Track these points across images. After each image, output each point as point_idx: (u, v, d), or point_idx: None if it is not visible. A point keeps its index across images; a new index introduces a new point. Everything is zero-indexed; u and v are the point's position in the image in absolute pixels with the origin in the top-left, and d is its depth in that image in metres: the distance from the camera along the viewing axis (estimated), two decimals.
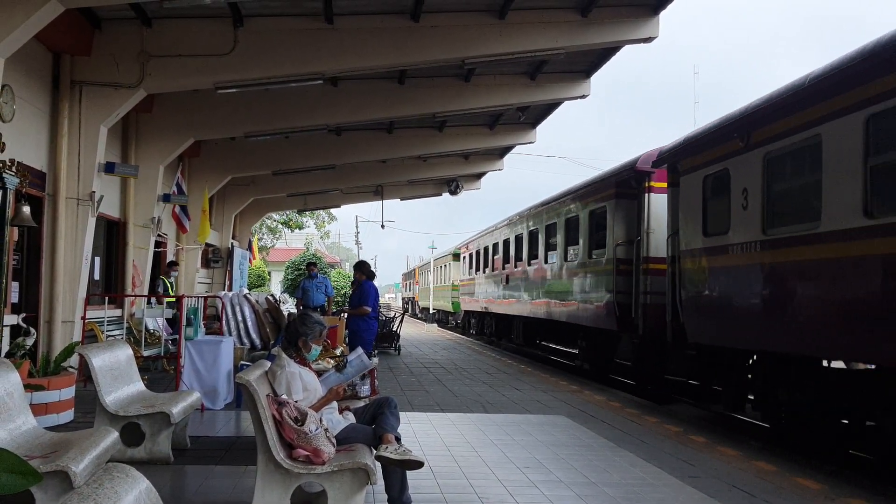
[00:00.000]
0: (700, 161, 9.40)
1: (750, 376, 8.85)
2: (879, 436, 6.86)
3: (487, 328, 24.08)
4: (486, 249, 23.63)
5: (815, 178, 7.05)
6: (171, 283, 13.57)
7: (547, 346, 19.72)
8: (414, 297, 48.97)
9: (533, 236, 17.63)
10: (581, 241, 14.02)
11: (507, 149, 20.39)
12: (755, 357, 8.58)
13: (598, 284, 12.90)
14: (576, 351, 15.58)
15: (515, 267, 19.20)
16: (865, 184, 6.29)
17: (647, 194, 11.58)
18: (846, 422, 7.33)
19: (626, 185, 12.14)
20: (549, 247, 16.25)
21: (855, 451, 7.63)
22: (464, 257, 28.16)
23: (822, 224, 6.85)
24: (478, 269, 24.77)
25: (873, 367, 7.04)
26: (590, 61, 13.58)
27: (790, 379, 7.80)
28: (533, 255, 17.57)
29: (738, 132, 8.39)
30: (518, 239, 19.14)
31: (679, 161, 10.07)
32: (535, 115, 17.22)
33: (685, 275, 9.67)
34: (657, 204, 11.41)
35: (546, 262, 16.36)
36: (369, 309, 11.04)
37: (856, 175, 6.39)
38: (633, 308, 11.64)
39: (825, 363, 7.58)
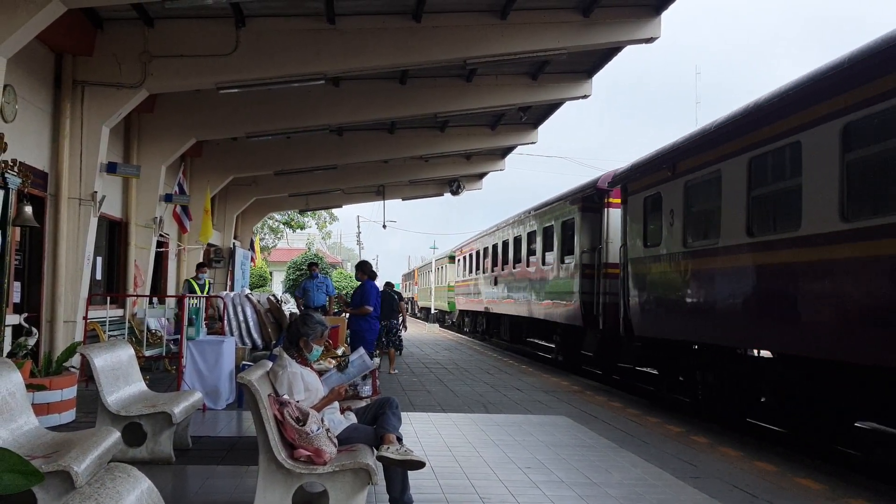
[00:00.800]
0: (642, 185, 11.10)
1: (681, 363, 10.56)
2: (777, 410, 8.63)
3: (480, 326, 25.67)
4: (477, 253, 25.21)
5: (717, 204, 8.77)
6: (199, 287, 13.38)
7: (530, 343, 20.74)
8: (413, 298, 50.52)
9: (517, 242, 19.30)
10: (555, 248, 15.76)
11: (509, 149, 20.40)
12: (684, 346, 10.17)
13: (568, 286, 14.61)
14: (552, 345, 17.20)
15: (503, 270, 20.79)
16: (748, 210, 8.06)
17: (606, 209, 13.42)
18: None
19: (590, 200, 13.92)
20: (531, 252, 17.94)
21: (752, 419, 9.38)
22: (458, 260, 30.01)
23: (720, 240, 8.65)
24: (471, 272, 26.47)
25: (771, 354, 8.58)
26: (591, 61, 13.57)
27: (704, 363, 9.62)
28: (517, 259, 19.21)
29: (667, 163, 10.19)
30: (505, 244, 20.78)
31: (628, 183, 11.76)
32: (536, 116, 17.21)
33: (631, 279, 11.38)
34: (614, 218, 13.08)
35: (528, 265, 18.04)
36: (371, 308, 11.04)
37: (742, 203, 8.14)
38: (594, 307, 13.39)
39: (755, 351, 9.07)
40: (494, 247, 22.17)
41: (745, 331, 8.20)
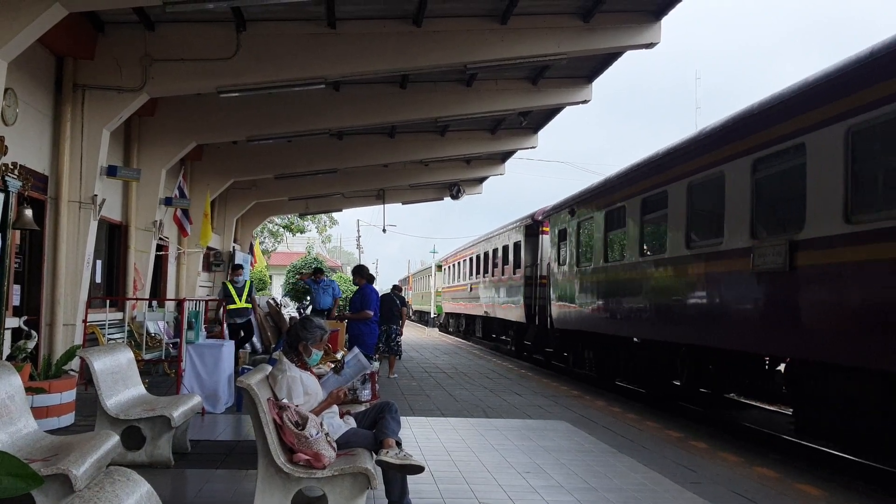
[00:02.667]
0: (557, 220, 15.69)
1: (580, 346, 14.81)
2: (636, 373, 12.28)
3: (461, 326, 30.53)
4: (458, 264, 30.14)
5: (591, 239, 13.36)
6: (237, 290, 12.98)
7: (496, 339, 24.71)
8: (408, 302, 53.66)
9: (486, 257, 23.80)
10: (510, 263, 20.06)
11: (509, 153, 20.42)
12: (580, 334, 14.19)
13: (518, 293, 18.83)
14: (508, 339, 21.85)
15: (475, 279, 25.51)
16: (605, 245, 12.53)
17: (540, 235, 17.82)
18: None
19: (531, 227, 18.31)
20: (494, 265, 22.41)
21: (621, 382, 13.28)
22: (444, 269, 35.65)
23: (592, 263, 13.14)
24: (453, 280, 31.73)
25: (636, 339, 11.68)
26: (591, 66, 13.60)
27: (588, 344, 14.09)
28: (486, 270, 23.69)
29: (570, 208, 14.75)
30: (477, 258, 25.41)
31: (550, 218, 16.44)
32: (536, 120, 17.23)
33: (551, 287, 15.89)
34: (546, 242, 17.35)
35: (493, 276, 22.44)
36: (371, 313, 11.01)
37: (602, 240, 12.60)
38: (532, 308, 17.83)
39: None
40: (470, 259, 26.92)
41: (610, 322, 12.29)
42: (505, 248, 20.81)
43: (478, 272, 24.88)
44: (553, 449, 6.96)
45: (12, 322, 8.45)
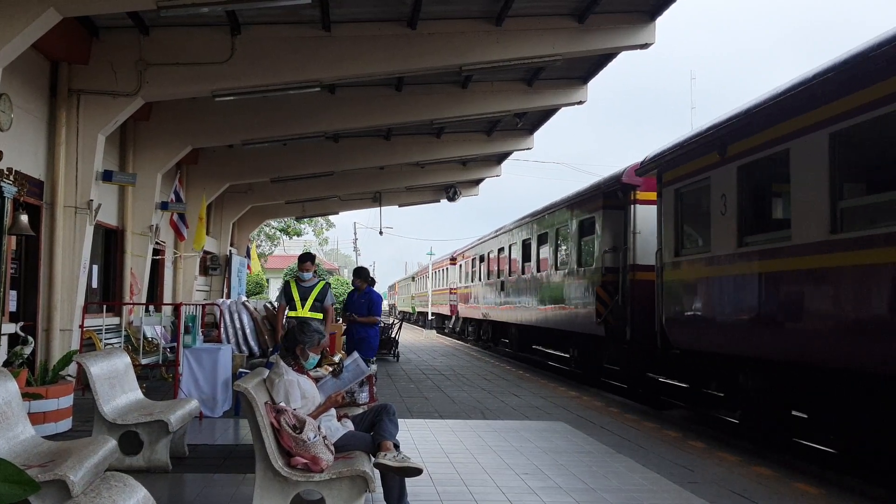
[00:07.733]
0: (465, 256, 27.97)
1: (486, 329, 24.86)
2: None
3: (428, 321, 42.49)
4: (423, 278, 43.97)
5: (466, 272, 27.92)
6: (301, 291, 9.19)
7: (442, 327, 37.23)
8: (394, 304, 67.48)
9: (435, 274, 37.93)
10: (444, 280, 33.24)
11: (505, 155, 20.44)
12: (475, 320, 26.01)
13: (447, 298, 31.49)
14: (443, 326, 35.74)
15: (432, 289, 39.46)
16: (472, 274, 26.33)
17: (456, 265, 29.70)
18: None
19: (452, 259, 30.63)
20: (439, 282, 36.24)
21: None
22: (416, 280, 50.59)
23: (465, 283, 27.78)
24: (420, 289, 46.39)
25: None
26: (586, 68, 13.62)
27: (471, 323, 27.20)
28: (435, 284, 37.87)
29: (461, 253, 29.27)
30: (434, 273, 38.82)
31: (458, 256, 30.27)
32: (532, 122, 17.25)
33: (461, 293, 28.20)
34: (465, 266, 27.82)
35: (438, 287, 36.16)
36: (379, 318, 11.00)
37: (470, 274, 26.76)
38: (451, 308, 30.14)
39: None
40: (428, 275, 40.74)
41: (473, 312, 24.61)
42: (443, 270, 34.26)
43: (432, 285, 39.37)
44: (551, 450, 6.97)
45: (9, 328, 8.44)
